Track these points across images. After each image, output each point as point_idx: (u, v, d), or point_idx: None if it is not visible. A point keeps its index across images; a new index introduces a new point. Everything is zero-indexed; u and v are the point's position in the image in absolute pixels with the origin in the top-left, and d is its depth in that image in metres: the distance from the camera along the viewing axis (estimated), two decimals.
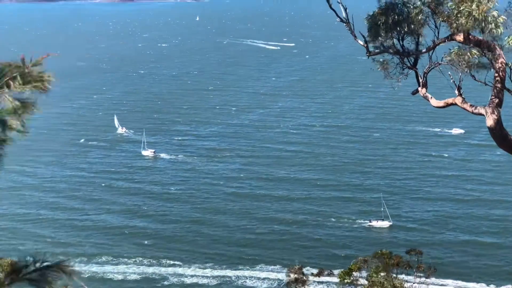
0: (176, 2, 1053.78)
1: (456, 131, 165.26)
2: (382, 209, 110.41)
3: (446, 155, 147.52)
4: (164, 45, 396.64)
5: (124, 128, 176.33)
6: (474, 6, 18.78)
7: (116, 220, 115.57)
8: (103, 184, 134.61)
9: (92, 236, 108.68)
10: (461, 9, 18.96)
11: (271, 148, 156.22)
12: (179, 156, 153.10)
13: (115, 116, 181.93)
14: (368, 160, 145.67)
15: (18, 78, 6.76)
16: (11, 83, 6.70)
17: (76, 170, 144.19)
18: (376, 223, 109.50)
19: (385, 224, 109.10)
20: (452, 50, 21.71)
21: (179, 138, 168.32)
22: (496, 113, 20.01)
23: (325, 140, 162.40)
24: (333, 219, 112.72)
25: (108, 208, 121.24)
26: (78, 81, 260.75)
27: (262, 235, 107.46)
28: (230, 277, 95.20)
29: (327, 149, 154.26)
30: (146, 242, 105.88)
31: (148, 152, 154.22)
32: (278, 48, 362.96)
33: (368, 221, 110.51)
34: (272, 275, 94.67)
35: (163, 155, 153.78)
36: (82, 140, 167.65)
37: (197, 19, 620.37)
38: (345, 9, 22.24)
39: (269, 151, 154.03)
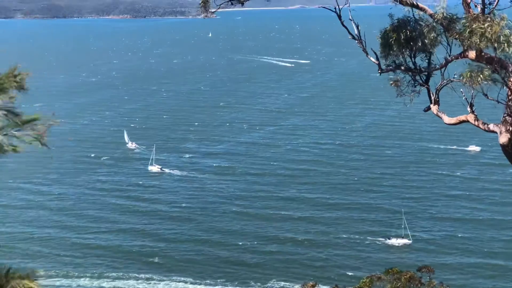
0: (188, 19, 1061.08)
1: (470, 148, 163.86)
2: (403, 226, 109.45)
3: (459, 174, 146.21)
4: (175, 61, 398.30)
5: (134, 143, 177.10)
6: (486, 25, 18.72)
7: (125, 238, 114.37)
8: (110, 202, 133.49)
9: (101, 254, 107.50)
10: (473, 27, 18.91)
11: (280, 166, 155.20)
12: (188, 173, 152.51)
13: (125, 131, 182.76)
14: (379, 178, 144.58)
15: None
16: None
17: (83, 188, 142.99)
18: (396, 241, 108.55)
19: (405, 241, 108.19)
20: (465, 72, 21.66)
21: (189, 155, 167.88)
22: (509, 131, 19.91)
23: (335, 158, 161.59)
24: (344, 238, 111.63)
25: (116, 226, 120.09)
26: (90, 97, 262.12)
27: (273, 254, 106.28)
28: None
29: (337, 168, 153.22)
30: (156, 259, 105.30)
31: (155, 168, 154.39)
32: (290, 65, 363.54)
33: (386, 239, 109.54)
34: None
35: (172, 172, 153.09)
36: (93, 155, 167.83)
37: (210, 35, 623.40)
38: (357, 26, 22.29)
39: (278, 169, 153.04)
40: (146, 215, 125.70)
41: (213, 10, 22.20)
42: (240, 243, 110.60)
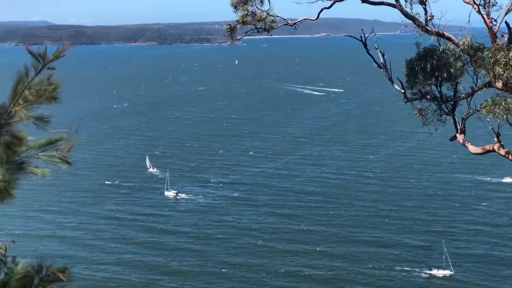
0: (214, 46, 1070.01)
1: (497, 179, 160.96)
2: (444, 257, 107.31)
3: (484, 206, 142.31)
4: (201, 88, 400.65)
5: (155, 168, 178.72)
6: (511, 55, 18.66)
7: (141, 271, 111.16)
8: (126, 232, 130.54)
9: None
10: (497, 57, 18.86)
11: (301, 198, 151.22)
12: (209, 201, 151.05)
13: (146, 156, 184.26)
14: (403, 210, 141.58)
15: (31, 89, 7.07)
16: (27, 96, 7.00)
17: (101, 217, 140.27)
18: (437, 272, 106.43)
19: (446, 273, 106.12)
20: (488, 101, 21.54)
21: (209, 183, 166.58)
22: None
23: (358, 190, 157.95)
24: (369, 273, 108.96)
25: (130, 258, 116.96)
26: (115, 123, 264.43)
27: None
28: None
29: (360, 200, 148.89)
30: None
31: (170, 193, 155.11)
32: (314, 92, 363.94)
33: (428, 269, 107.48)
34: None
35: (190, 200, 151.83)
36: (114, 181, 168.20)
37: (236, 62, 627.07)
38: (383, 55, 22.34)
39: (299, 201, 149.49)
40: (162, 245, 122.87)
41: (239, 38, 22.42)
42: (259, 277, 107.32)
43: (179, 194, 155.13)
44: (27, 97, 6.92)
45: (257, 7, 22.98)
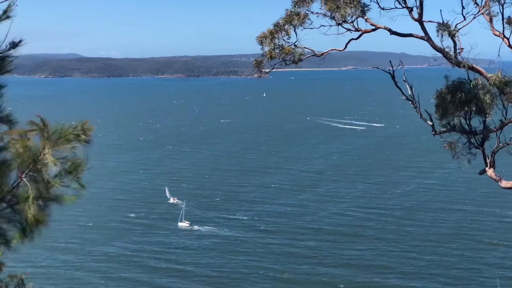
0: (240, 78, 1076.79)
1: None
2: None
3: None
4: (226, 120, 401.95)
5: (176, 198, 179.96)
6: None
7: None
8: (137, 272, 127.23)
9: None
10: None
11: (318, 237, 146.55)
12: (227, 236, 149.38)
13: (166, 188, 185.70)
14: (430, 250, 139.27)
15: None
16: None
17: (111, 255, 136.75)
18: None
19: None
20: None
21: (231, 217, 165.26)
22: None
23: (382, 228, 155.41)
24: None
25: None
26: (141, 155, 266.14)
27: None
28: None
29: (383, 240, 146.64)
30: None
31: (184, 224, 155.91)
32: (340, 125, 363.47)
33: None
34: None
35: (210, 234, 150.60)
36: (139, 214, 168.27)
37: (264, 95, 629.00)
38: (411, 87, 22.28)
39: (316, 240, 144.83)
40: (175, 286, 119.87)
41: (267, 71, 22.56)
42: None
43: (195, 226, 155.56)
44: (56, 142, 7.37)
45: (284, 40, 23.14)
